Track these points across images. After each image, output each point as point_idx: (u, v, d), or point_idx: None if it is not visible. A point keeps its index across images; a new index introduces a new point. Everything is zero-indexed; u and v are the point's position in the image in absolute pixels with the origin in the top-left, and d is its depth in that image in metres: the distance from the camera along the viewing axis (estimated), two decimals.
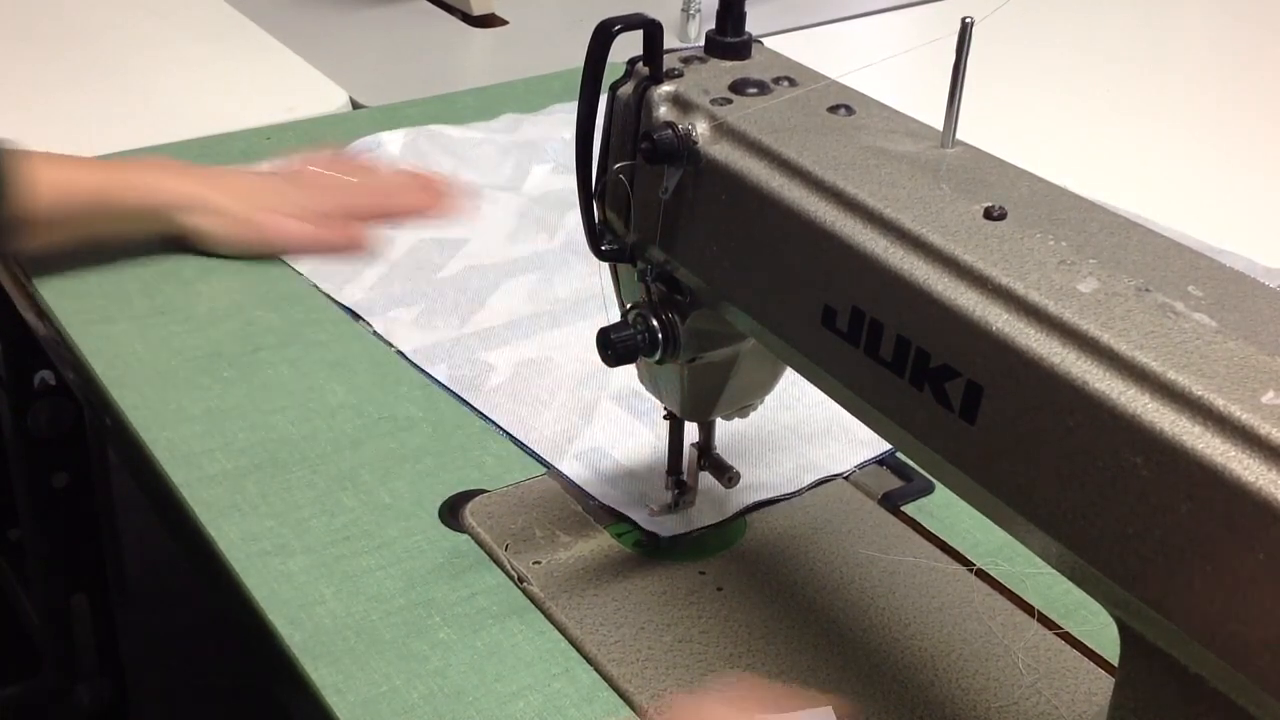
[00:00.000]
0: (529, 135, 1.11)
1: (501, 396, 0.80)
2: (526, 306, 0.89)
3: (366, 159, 1.05)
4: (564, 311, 0.89)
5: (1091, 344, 0.39)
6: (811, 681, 0.62)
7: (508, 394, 0.81)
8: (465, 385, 0.81)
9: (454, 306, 0.89)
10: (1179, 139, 1.22)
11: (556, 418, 0.79)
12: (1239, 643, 0.36)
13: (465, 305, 0.89)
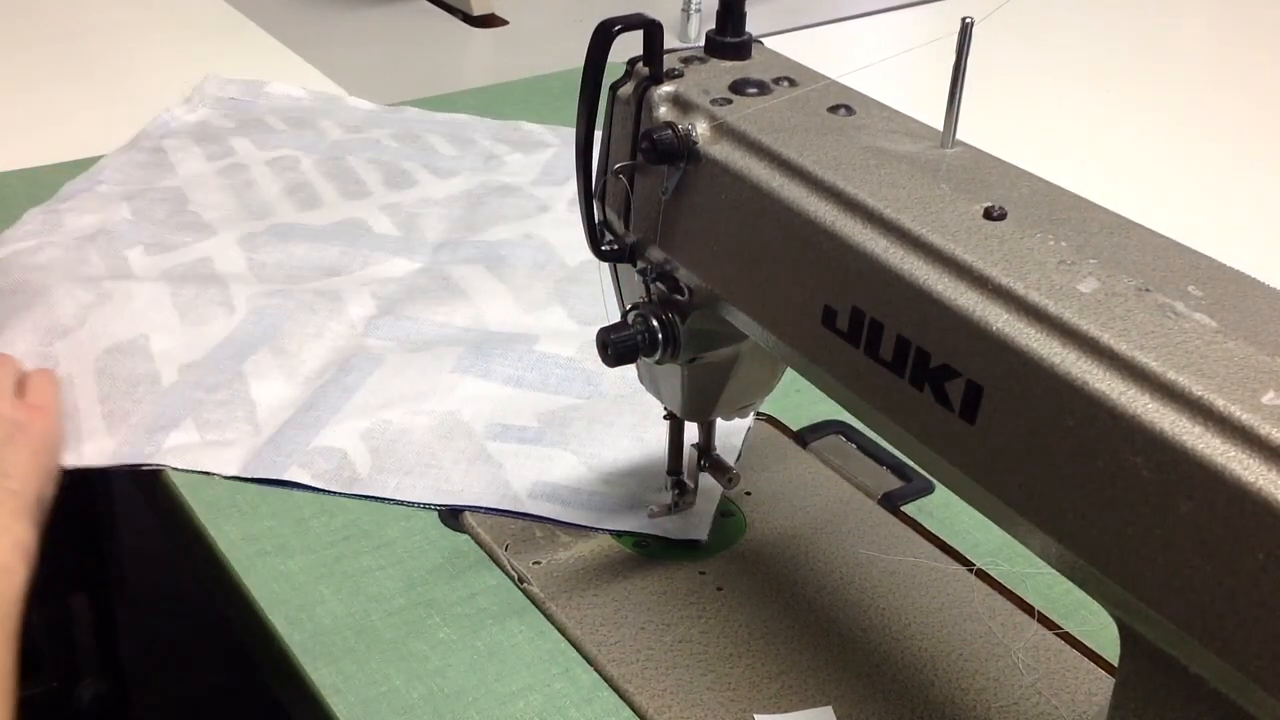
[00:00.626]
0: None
1: (389, 475, 0.74)
2: (290, 387, 0.80)
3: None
4: (332, 376, 0.81)
5: (1091, 344, 0.39)
6: (811, 681, 0.62)
7: (394, 470, 0.74)
8: (339, 481, 0.73)
9: (224, 408, 0.78)
10: (1179, 139, 1.22)
11: (465, 472, 0.74)
12: (1239, 643, 0.36)
13: (232, 403, 0.79)
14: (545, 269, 0.94)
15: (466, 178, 1.06)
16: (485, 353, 0.83)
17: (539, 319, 0.88)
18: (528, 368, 0.82)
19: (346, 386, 0.80)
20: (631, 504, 0.72)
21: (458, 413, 0.78)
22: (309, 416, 0.77)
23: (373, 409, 0.78)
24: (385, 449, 0.75)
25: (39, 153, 1.06)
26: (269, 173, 1.05)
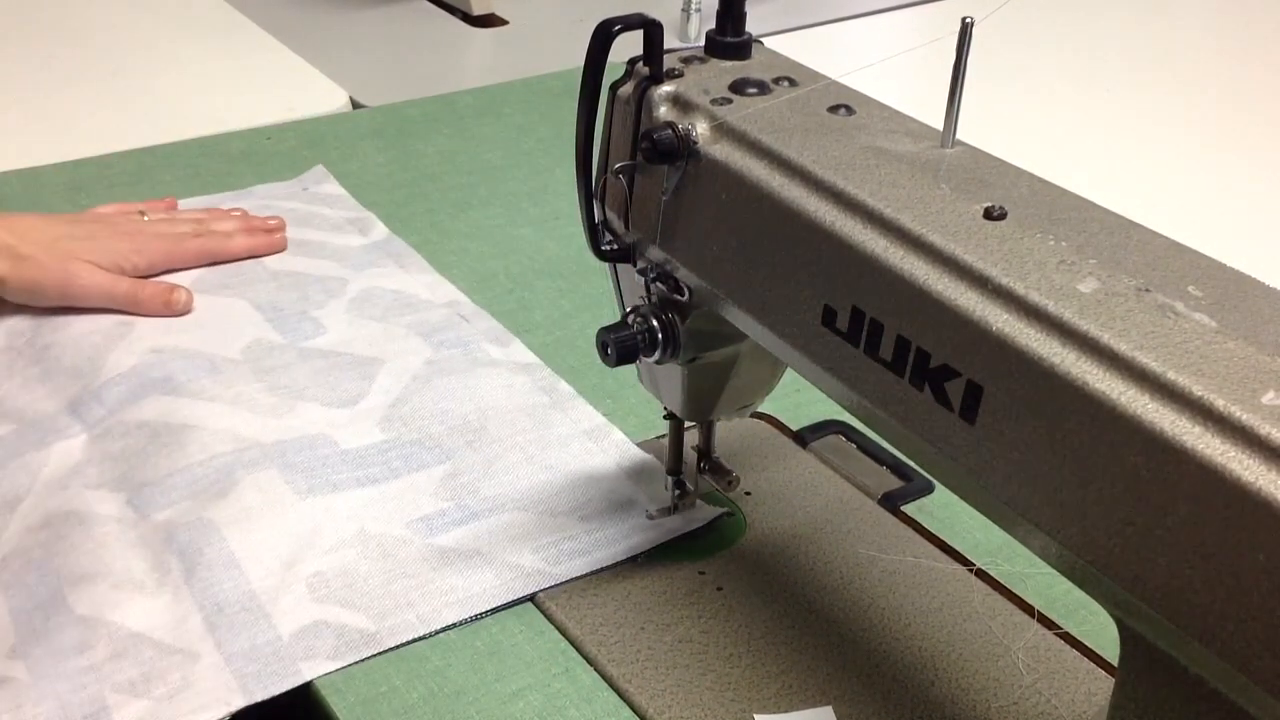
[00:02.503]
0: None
1: (399, 613, 0.65)
2: (149, 597, 0.66)
3: (198, 209, 0.98)
4: (182, 566, 0.67)
5: (1091, 344, 0.39)
6: (811, 681, 0.62)
7: (394, 608, 0.65)
8: (358, 647, 0.63)
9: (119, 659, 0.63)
10: (1179, 138, 1.22)
11: (466, 577, 0.67)
12: (1239, 643, 0.36)
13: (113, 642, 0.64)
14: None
15: None
16: (304, 469, 0.73)
17: (302, 418, 0.78)
18: (357, 466, 0.74)
19: (223, 568, 0.66)
20: (623, 520, 0.71)
21: (364, 532, 0.69)
22: (234, 616, 0.64)
23: (278, 572, 0.66)
24: (359, 598, 0.65)
25: (39, 153, 1.06)
26: None
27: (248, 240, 0.93)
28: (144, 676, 0.61)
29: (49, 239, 0.86)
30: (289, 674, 0.61)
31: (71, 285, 0.85)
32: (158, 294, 0.86)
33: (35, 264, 0.84)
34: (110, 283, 0.86)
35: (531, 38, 1.39)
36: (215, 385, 0.79)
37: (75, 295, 0.85)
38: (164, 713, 0.59)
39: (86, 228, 0.89)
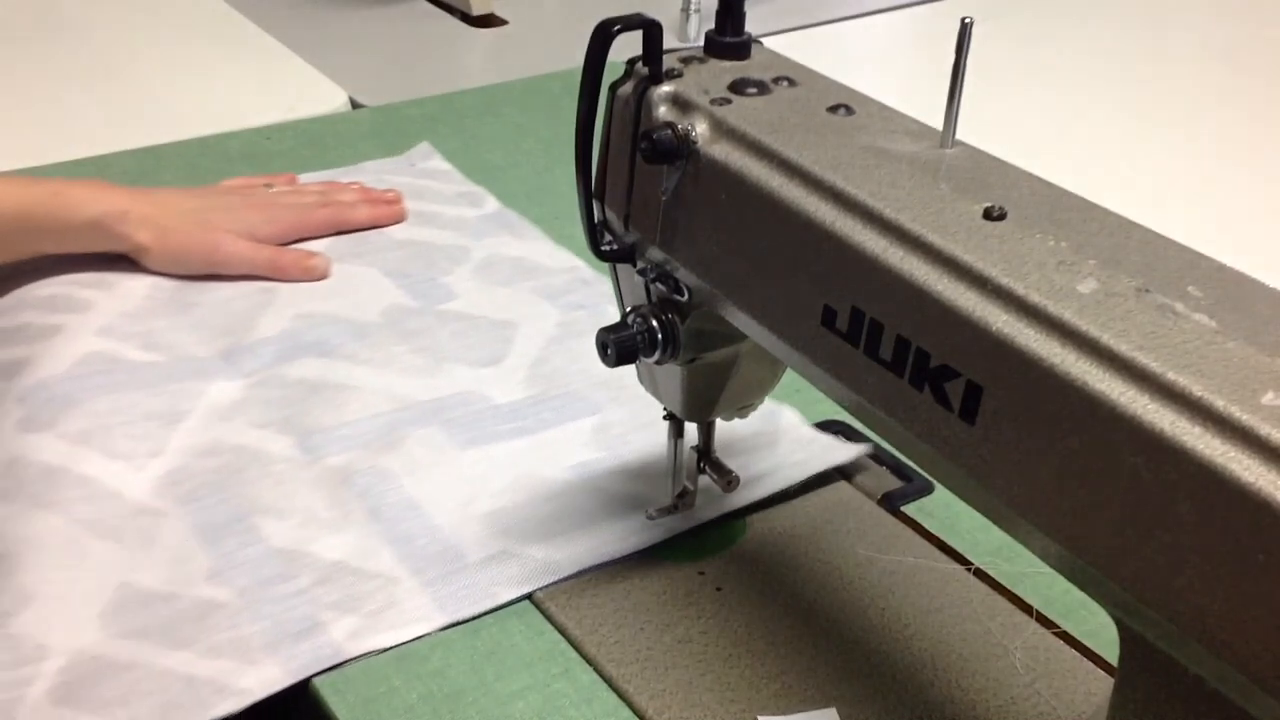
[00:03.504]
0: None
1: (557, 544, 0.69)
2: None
3: (322, 182, 1.03)
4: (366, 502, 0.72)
5: (1091, 344, 0.39)
6: (811, 681, 0.62)
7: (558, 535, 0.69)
8: (549, 569, 0.68)
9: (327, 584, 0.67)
10: (1179, 139, 1.22)
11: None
12: (1239, 643, 0.36)
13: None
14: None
15: None
16: (463, 424, 0.78)
17: (451, 377, 0.82)
18: (511, 419, 0.78)
19: (403, 509, 0.71)
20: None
21: (530, 475, 0.74)
22: (422, 549, 0.68)
23: (456, 511, 0.71)
24: (534, 532, 0.69)
25: (38, 153, 1.06)
26: None
27: (371, 210, 0.98)
28: (350, 597, 0.65)
29: (189, 210, 0.91)
30: (484, 597, 0.66)
31: (216, 254, 0.90)
32: (297, 260, 0.92)
33: (179, 234, 0.89)
34: (253, 250, 0.91)
35: (531, 38, 1.39)
36: (364, 348, 0.84)
37: (219, 263, 0.90)
38: (374, 627, 0.64)
39: (222, 199, 0.95)
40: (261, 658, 0.62)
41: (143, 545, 0.67)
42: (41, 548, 0.66)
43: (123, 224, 0.88)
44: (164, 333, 0.84)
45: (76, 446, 0.73)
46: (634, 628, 0.65)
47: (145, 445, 0.74)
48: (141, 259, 0.89)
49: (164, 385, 0.79)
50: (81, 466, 0.72)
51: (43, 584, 0.64)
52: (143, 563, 0.66)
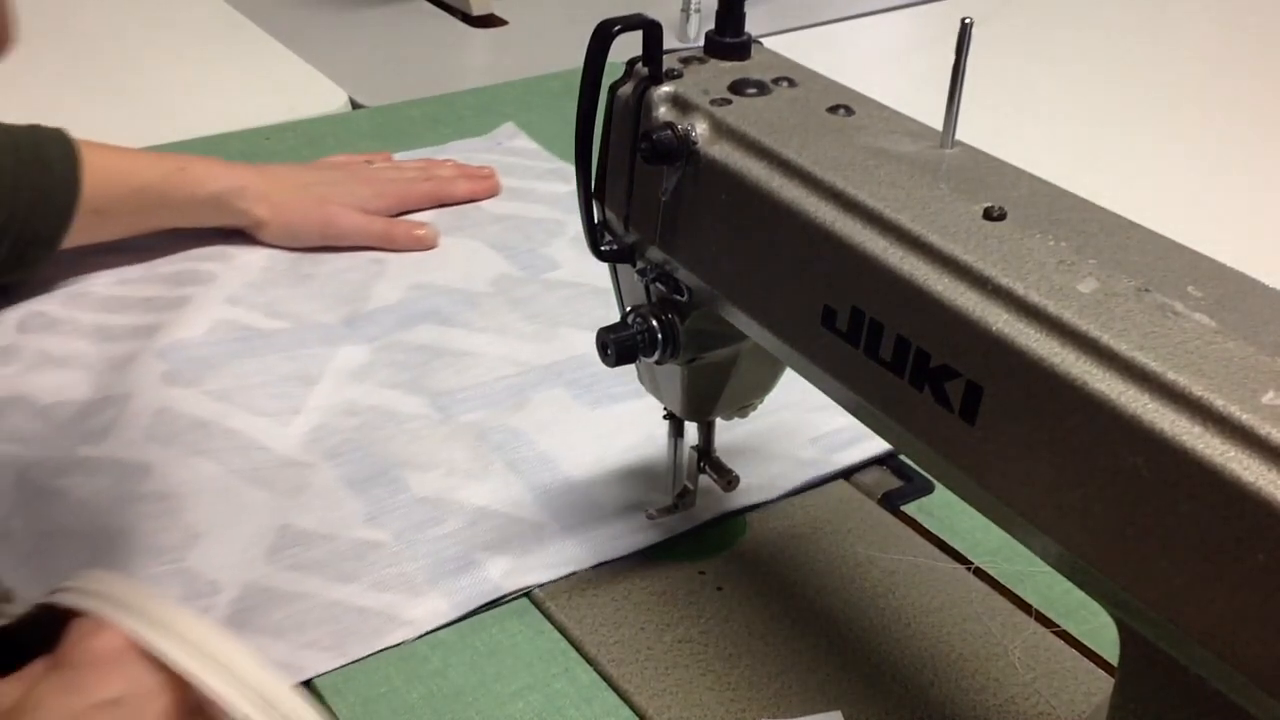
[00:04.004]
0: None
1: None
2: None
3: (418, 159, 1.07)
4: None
5: (1091, 344, 0.39)
6: (811, 681, 0.62)
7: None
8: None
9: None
10: (1179, 139, 1.22)
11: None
12: (1239, 643, 0.36)
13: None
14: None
15: None
16: (585, 385, 0.82)
17: (566, 342, 0.86)
18: (630, 381, 0.77)
19: (539, 463, 0.75)
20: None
21: (653, 434, 0.76)
22: (562, 497, 0.73)
23: (589, 465, 0.75)
24: (667, 485, 0.71)
25: None
26: None
27: (469, 185, 1.02)
28: (500, 539, 0.69)
29: (302, 184, 0.95)
30: (628, 543, 0.69)
31: (331, 226, 0.94)
32: (407, 231, 0.96)
33: (295, 208, 0.94)
34: (366, 222, 0.95)
35: (531, 38, 1.39)
36: (477, 316, 0.88)
37: (334, 235, 0.94)
38: (526, 566, 0.67)
39: (332, 174, 0.98)
40: (426, 591, 0.66)
41: (296, 492, 0.72)
42: (202, 491, 0.71)
43: (241, 199, 0.92)
44: (286, 302, 0.88)
45: (221, 403, 0.78)
46: (634, 628, 0.65)
47: (286, 404, 0.78)
48: (257, 233, 0.94)
49: (295, 350, 0.83)
50: (228, 421, 0.76)
51: (208, 524, 0.69)
52: (298, 507, 0.71)
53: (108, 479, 0.71)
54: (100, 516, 0.69)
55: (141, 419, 0.76)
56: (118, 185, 0.88)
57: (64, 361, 0.81)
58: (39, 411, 0.77)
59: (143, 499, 0.70)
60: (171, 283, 0.90)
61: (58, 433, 0.75)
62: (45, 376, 0.80)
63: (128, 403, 0.77)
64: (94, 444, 0.74)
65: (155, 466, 0.72)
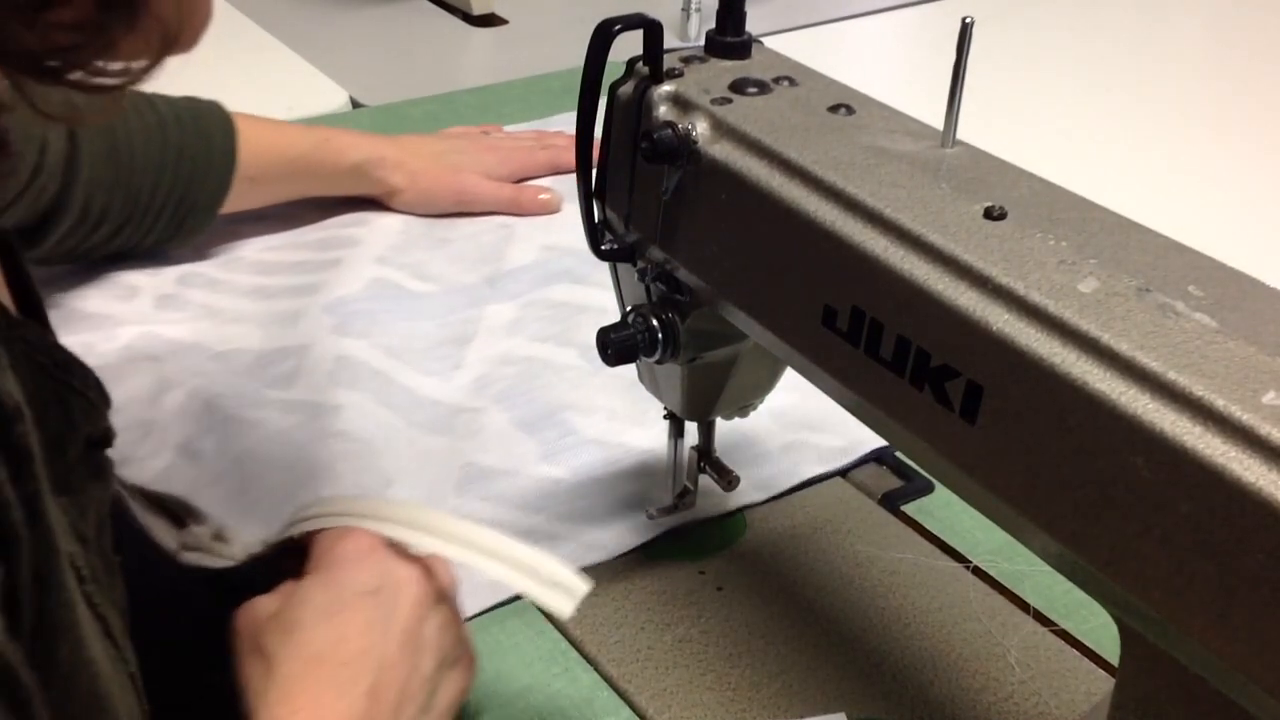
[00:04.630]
0: None
1: None
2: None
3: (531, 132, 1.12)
4: None
5: (1091, 344, 0.39)
6: (811, 681, 0.62)
7: None
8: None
9: None
10: (1179, 138, 1.22)
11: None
12: (1239, 643, 0.36)
13: None
14: None
15: None
16: None
17: None
18: None
19: None
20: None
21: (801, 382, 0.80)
22: (724, 439, 0.73)
23: None
24: (820, 424, 0.77)
25: None
26: None
27: None
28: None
29: (434, 153, 1.00)
30: (792, 477, 0.74)
31: (466, 193, 0.99)
32: (534, 197, 1.01)
33: (429, 176, 0.99)
34: (496, 189, 1.00)
35: (531, 38, 1.39)
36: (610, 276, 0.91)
37: (467, 202, 0.99)
38: (700, 503, 0.71)
39: (459, 143, 1.03)
40: (612, 522, 0.71)
41: (472, 435, 0.76)
42: (389, 438, 0.76)
43: (380, 168, 0.97)
44: (429, 264, 0.94)
45: (392, 359, 0.83)
46: (634, 628, 0.65)
47: (447, 362, 0.84)
48: (390, 200, 0.99)
49: (446, 310, 0.89)
50: (400, 377, 0.82)
51: (398, 466, 0.74)
52: (477, 448, 0.75)
53: (301, 416, 0.77)
54: (295, 449, 0.74)
55: (324, 365, 0.82)
56: (270, 155, 0.93)
57: (229, 316, 0.87)
58: (214, 356, 0.83)
59: (337, 436, 0.76)
60: (317, 247, 0.95)
61: (240, 376, 0.81)
62: (214, 328, 0.86)
63: (306, 352, 0.83)
64: (282, 388, 0.80)
65: (345, 408, 0.78)
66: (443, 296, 0.90)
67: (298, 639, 0.50)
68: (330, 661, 0.50)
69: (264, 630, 0.51)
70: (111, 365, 0.80)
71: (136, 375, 0.80)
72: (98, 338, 0.84)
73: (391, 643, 0.51)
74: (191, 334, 0.85)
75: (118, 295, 0.88)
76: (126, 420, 0.73)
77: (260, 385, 0.80)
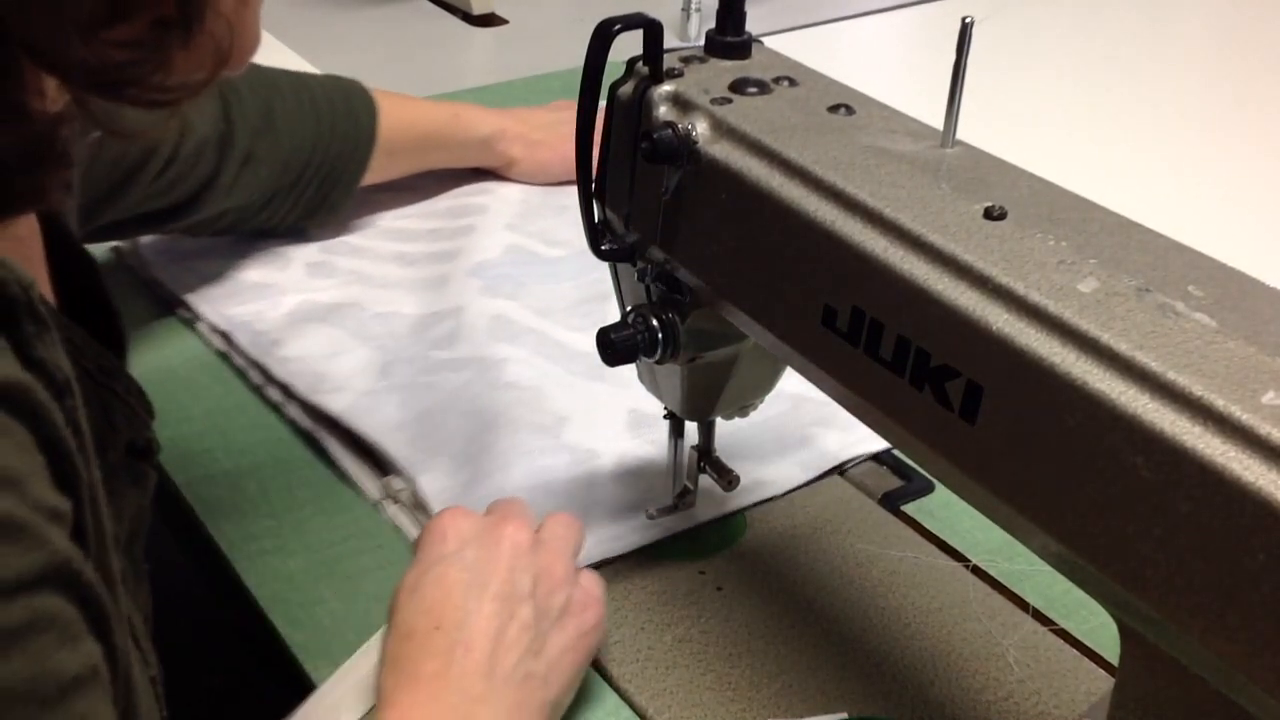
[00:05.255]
0: None
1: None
2: None
3: None
4: None
5: (1091, 344, 0.39)
6: (811, 681, 0.62)
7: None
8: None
9: None
10: (1180, 138, 1.22)
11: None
12: (1239, 643, 0.36)
13: None
14: None
15: None
16: None
17: None
18: None
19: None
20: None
21: None
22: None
23: None
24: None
25: None
26: None
27: None
28: (821, 419, 0.78)
29: (547, 124, 1.04)
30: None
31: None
32: None
33: (545, 147, 1.03)
34: None
35: (531, 38, 1.39)
36: None
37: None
38: (850, 440, 0.77)
39: (568, 115, 1.11)
40: (778, 461, 0.75)
41: (628, 384, 0.75)
42: (556, 384, 0.81)
43: (503, 141, 1.02)
44: (555, 231, 0.98)
45: (541, 317, 0.88)
46: (634, 627, 0.65)
47: (590, 319, 0.86)
48: (507, 171, 1.04)
49: (578, 271, 0.92)
50: (553, 333, 0.86)
51: (569, 409, 0.79)
52: (638, 395, 0.74)
53: (470, 372, 0.82)
54: (470, 400, 0.79)
55: (480, 323, 0.86)
56: (406, 131, 0.98)
57: (377, 282, 0.92)
58: (374, 317, 0.88)
59: (507, 387, 0.80)
60: (447, 216, 1.00)
61: (404, 340, 0.86)
62: (365, 292, 0.91)
63: (461, 313, 0.87)
64: (446, 348, 0.85)
65: (509, 360, 0.82)
66: (574, 259, 0.94)
67: (396, 621, 0.56)
68: (420, 631, 0.55)
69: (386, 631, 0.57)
70: (284, 328, 0.86)
71: (308, 336, 0.85)
72: (265, 305, 0.89)
73: (487, 594, 0.56)
74: (347, 297, 0.90)
75: (274, 265, 0.94)
76: (302, 369, 0.82)
77: (426, 347, 0.85)
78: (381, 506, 0.73)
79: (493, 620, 0.55)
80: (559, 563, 0.59)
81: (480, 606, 0.55)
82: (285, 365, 0.82)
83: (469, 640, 0.54)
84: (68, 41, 0.40)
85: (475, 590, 0.56)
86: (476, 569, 0.57)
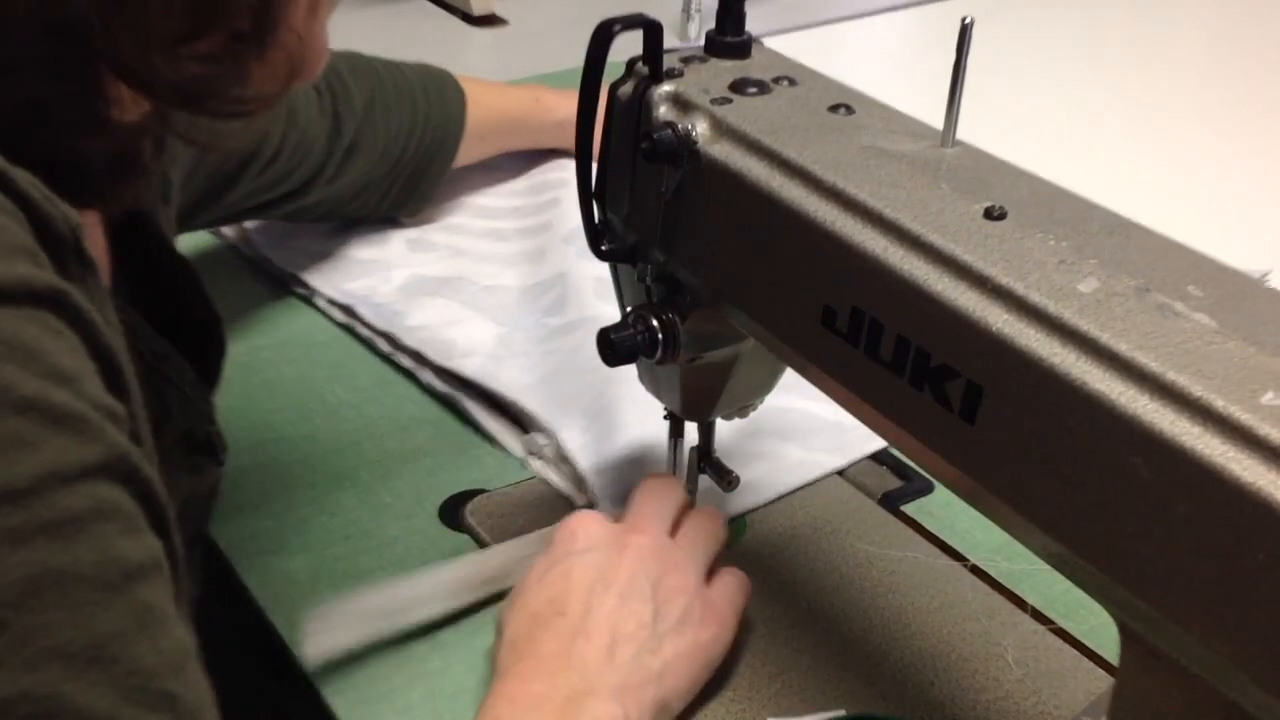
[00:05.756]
0: None
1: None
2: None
3: None
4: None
5: (1091, 344, 0.39)
6: (811, 681, 0.62)
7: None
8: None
9: None
10: (1180, 139, 1.22)
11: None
12: (1239, 643, 0.36)
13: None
14: None
15: None
16: None
17: None
18: None
19: None
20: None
21: None
22: None
23: None
24: None
25: None
26: None
27: None
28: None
29: None
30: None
31: None
32: None
33: None
34: None
35: (531, 38, 1.39)
36: None
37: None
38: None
39: None
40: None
41: None
42: None
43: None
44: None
45: None
46: None
47: None
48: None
49: None
50: None
51: None
52: None
53: (583, 331, 0.84)
54: (589, 358, 0.74)
55: (586, 284, 0.89)
56: (492, 116, 1.01)
57: (474, 256, 0.96)
58: (482, 290, 0.91)
59: None
60: (529, 193, 1.04)
61: (513, 311, 0.89)
62: (468, 264, 0.94)
63: (565, 279, 0.90)
64: (558, 314, 0.88)
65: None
66: None
67: (520, 604, 0.59)
68: (544, 616, 0.58)
69: (504, 613, 0.60)
70: (400, 300, 0.89)
71: (426, 308, 0.88)
72: (377, 280, 0.92)
73: (610, 592, 0.58)
74: (452, 271, 0.93)
75: (376, 243, 0.97)
76: (427, 337, 0.84)
77: (539, 315, 0.88)
78: (526, 460, 0.76)
79: (613, 615, 0.58)
80: (682, 570, 0.62)
81: (603, 601, 0.58)
82: (413, 334, 0.85)
83: (590, 629, 0.57)
84: (151, 58, 0.42)
85: (599, 586, 0.59)
86: (601, 568, 0.60)
